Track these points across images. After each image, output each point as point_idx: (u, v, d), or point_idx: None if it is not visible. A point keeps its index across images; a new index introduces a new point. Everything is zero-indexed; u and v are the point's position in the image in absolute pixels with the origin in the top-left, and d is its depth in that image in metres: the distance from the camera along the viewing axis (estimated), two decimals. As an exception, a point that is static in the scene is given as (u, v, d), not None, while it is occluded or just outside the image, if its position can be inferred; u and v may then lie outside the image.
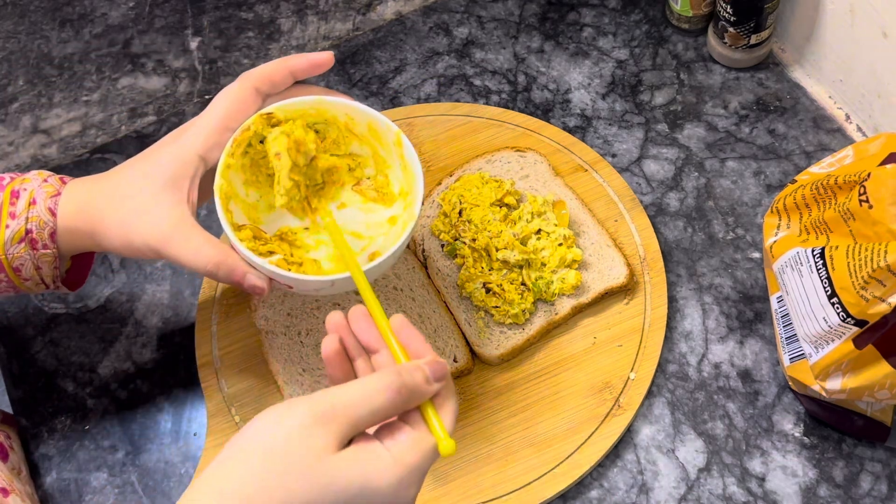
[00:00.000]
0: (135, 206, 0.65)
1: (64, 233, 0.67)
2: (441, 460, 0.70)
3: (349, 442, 0.52)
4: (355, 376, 0.57)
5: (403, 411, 0.53)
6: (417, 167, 0.68)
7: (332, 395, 0.51)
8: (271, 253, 0.67)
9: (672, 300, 0.80)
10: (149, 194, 0.65)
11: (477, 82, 0.94)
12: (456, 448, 0.53)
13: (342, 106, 0.69)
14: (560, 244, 0.79)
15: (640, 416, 0.76)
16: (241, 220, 0.68)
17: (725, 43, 0.91)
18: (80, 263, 0.73)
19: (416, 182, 0.68)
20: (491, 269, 0.79)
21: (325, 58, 0.69)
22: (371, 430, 0.53)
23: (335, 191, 0.71)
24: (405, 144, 0.69)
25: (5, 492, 0.70)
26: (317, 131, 0.70)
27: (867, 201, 0.63)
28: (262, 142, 0.68)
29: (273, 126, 0.68)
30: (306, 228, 0.70)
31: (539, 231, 0.80)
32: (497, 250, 0.78)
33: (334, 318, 0.57)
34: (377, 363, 0.57)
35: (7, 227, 0.67)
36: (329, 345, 0.56)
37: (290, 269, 0.65)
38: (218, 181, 0.65)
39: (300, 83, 0.70)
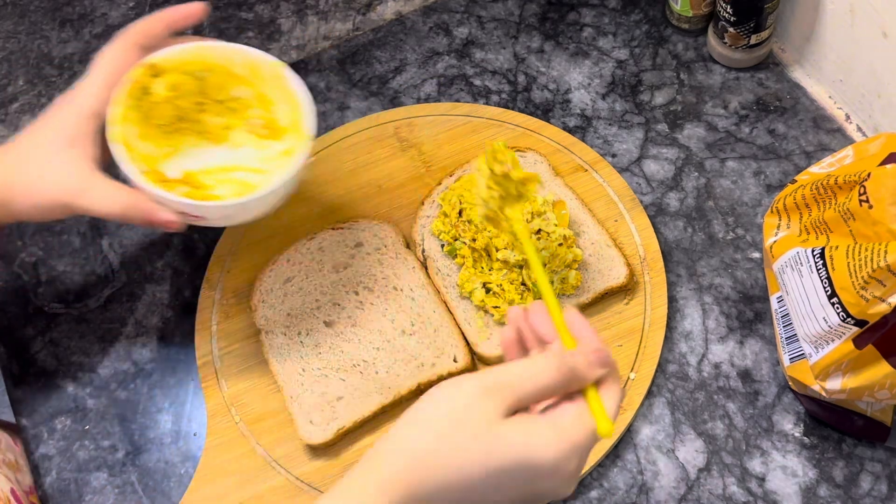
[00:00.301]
0: (39, 168, 0.68)
1: None
2: None
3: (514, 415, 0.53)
4: None
5: (567, 392, 0.55)
6: (302, 96, 0.71)
7: (499, 370, 0.54)
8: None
9: (672, 300, 0.80)
10: (51, 155, 0.67)
11: (477, 82, 0.94)
12: (613, 430, 0.54)
13: (221, 49, 0.72)
14: (560, 244, 0.79)
15: (640, 416, 0.76)
16: (143, 168, 0.70)
17: (725, 43, 0.91)
18: None
19: (302, 112, 0.71)
20: (491, 269, 0.79)
21: (197, 7, 0.71)
22: (537, 409, 0.55)
23: (522, 204, 0.71)
24: (286, 77, 0.72)
25: None
26: (200, 78, 0.73)
27: (867, 201, 0.63)
28: (147, 94, 0.71)
29: (155, 77, 0.70)
30: (204, 171, 0.74)
31: (539, 231, 0.80)
32: (497, 250, 0.78)
33: (514, 311, 0.60)
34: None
35: None
36: (506, 334, 0.59)
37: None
38: (111, 129, 0.67)
39: (178, 36, 0.72)
